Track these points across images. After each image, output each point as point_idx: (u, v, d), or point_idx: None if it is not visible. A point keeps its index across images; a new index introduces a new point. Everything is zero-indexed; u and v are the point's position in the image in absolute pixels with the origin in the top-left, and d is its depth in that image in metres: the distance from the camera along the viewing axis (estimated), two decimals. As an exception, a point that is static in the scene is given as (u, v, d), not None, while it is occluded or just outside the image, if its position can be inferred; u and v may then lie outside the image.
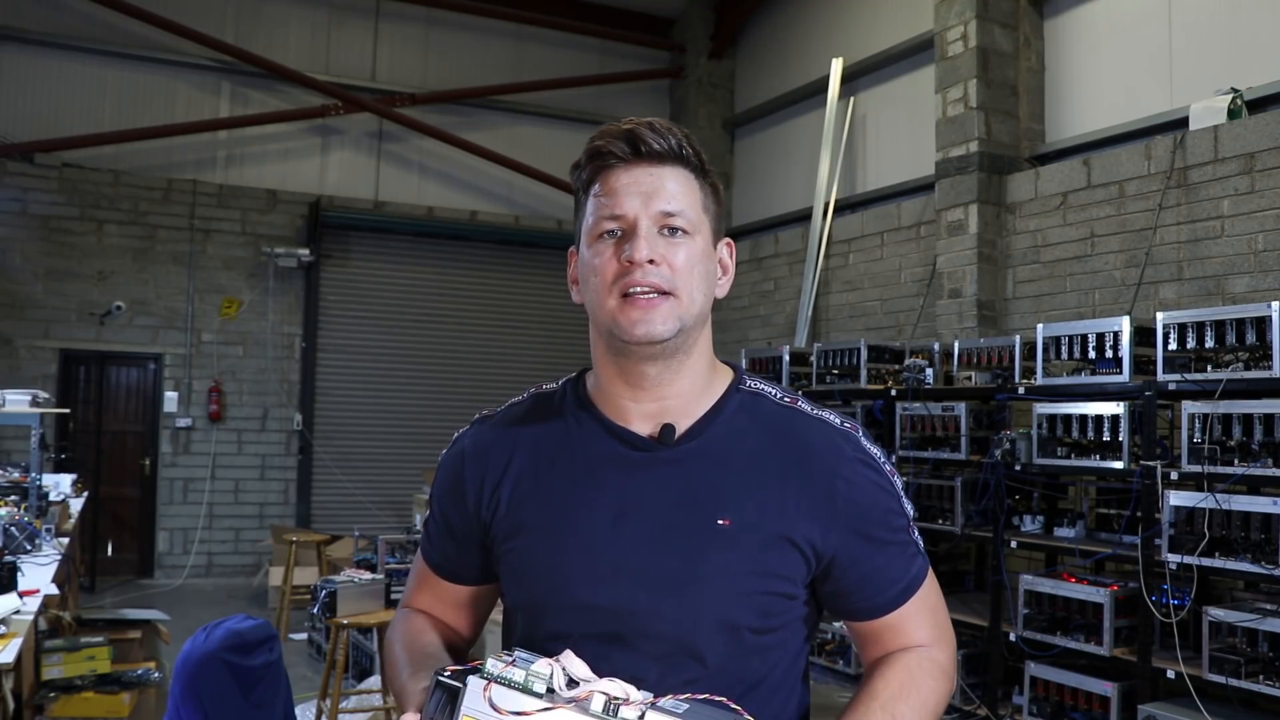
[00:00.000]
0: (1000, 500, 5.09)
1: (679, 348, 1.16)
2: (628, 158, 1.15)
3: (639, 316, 1.11)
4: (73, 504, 6.14)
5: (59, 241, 8.69)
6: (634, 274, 1.11)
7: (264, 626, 3.24)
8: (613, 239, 1.14)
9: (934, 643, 1.24)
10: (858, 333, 7.79)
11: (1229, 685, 3.91)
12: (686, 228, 1.15)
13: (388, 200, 9.88)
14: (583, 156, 1.19)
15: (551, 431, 1.22)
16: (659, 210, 1.13)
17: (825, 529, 1.16)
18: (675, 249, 1.13)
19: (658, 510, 1.14)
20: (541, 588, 1.17)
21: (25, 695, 3.90)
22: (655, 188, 1.14)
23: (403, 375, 9.86)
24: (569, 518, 1.16)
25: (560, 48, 10.49)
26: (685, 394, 1.19)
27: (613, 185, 1.15)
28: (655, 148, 1.15)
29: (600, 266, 1.14)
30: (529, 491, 1.20)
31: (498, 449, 1.24)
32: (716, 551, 1.13)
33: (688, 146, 1.17)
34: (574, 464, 1.19)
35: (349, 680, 5.41)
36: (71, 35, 8.76)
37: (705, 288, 1.17)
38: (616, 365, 1.18)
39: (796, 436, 1.19)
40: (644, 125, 1.16)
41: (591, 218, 1.16)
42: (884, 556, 1.20)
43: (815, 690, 5.33)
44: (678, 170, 1.17)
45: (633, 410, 1.19)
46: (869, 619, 1.23)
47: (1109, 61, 6.55)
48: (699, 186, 1.18)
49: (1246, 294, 5.29)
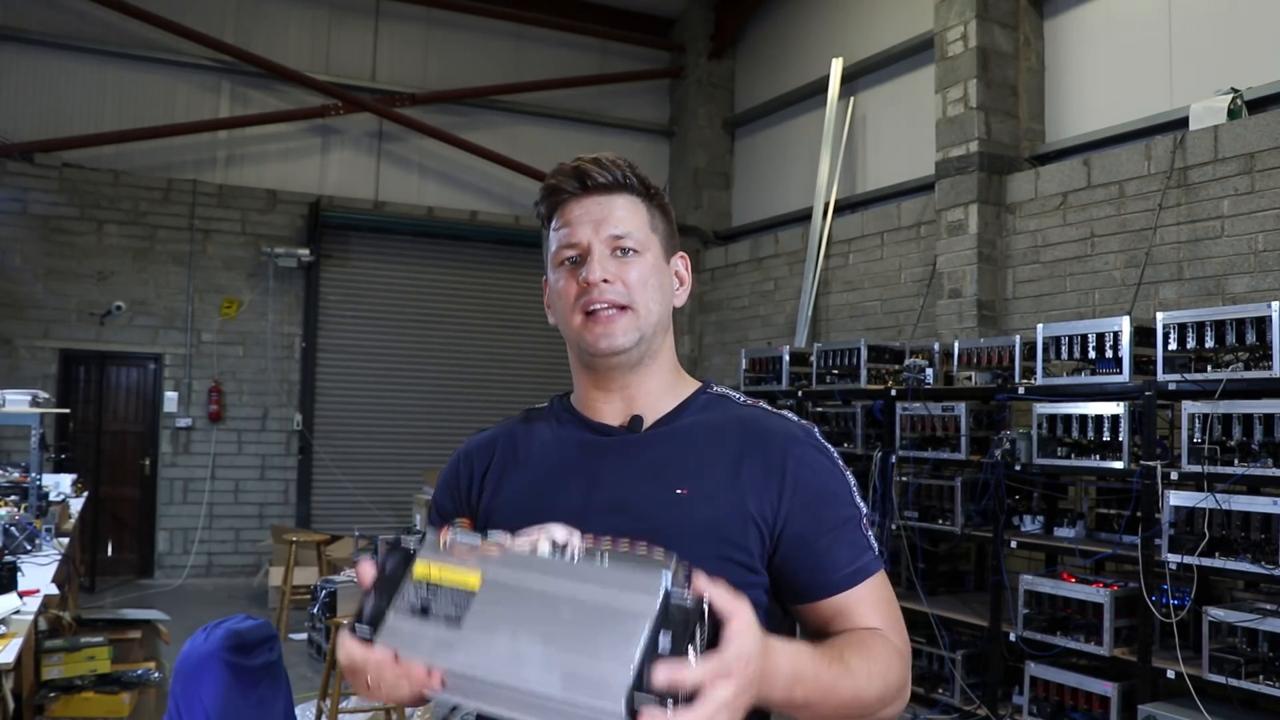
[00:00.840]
0: (1000, 500, 5.09)
1: (643, 355, 1.29)
2: (578, 192, 1.29)
3: (601, 331, 1.25)
4: (73, 504, 6.14)
5: (59, 241, 8.69)
6: (592, 293, 1.25)
7: (264, 626, 3.24)
8: (572, 264, 1.28)
9: (887, 629, 1.22)
10: (858, 333, 7.79)
11: (1229, 685, 3.91)
12: (636, 247, 1.28)
13: (388, 200, 9.88)
14: (539, 194, 1.33)
15: (535, 430, 1.37)
16: (609, 234, 1.27)
17: (775, 501, 1.22)
18: (627, 267, 1.27)
19: (622, 484, 1.25)
20: None
21: (25, 695, 3.90)
22: (604, 215, 1.27)
23: (403, 375, 9.86)
24: (544, 495, 1.28)
25: (560, 48, 10.50)
26: (653, 393, 1.31)
27: (568, 217, 1.29)
28: (600, 180, 1.28)
29: (564, 290, 1.28)
30: (512, 476, 1.33)
31: (488, 447, 1.38)
32: (675, 517, 1.21)
33: (631, 176, 1.30)
34: (549, 450, 1.32)
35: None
36: (71, 35, 8.76)
37: (661, 299, 1.30)
38: (589, 376, 1.32)
39: (756, 424, 1.29)
40: (590, 161, 1.29)
41: (554, 247, 1.30)
42: (831, 538, 1.22)
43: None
44: (625, 197, 1.30)
45: (606, 410, 1.32)
46: (816, 599, 1.22)
47: (1109, 61, 6.55)
48: (646, 209, 1.31)
49: (1246, 294, 5.29)
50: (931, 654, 5.47)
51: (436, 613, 0.95)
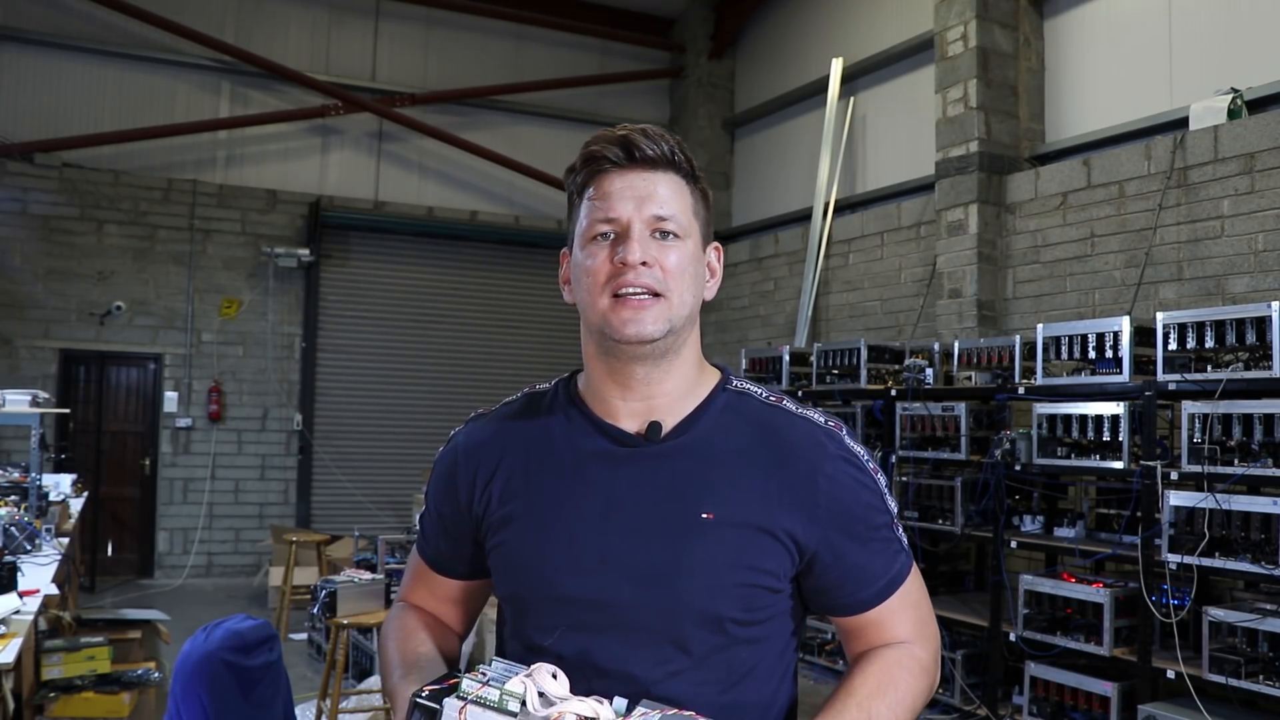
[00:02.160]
0: (1000, 500, 5.09)
1: (668, 348, 1.19)
2: (622, 163, 1.19)
3: (630, 316, 1.14)
4: (73, 504, 6.14)
5: (59, 241, 8.69)
6: (626, 275, 1.15)
7: (264, 626, 3.24)
8: (606, 241, 1.17)
9: (916, 639, 1.25)
10: (858, 333, 7.79)
11: (1229, 685, 3.91)
12: (678, 231, 1.18)
13: (388, 200, 9.88)
14: (577, 161, 1.23)
15: (542, 429, 1.25)
16: (652, 214, 1.17)
17: (808, 524, 1.17)
18: (667, 252, 1.17)
19: (643, 504, 1.17)
20: (528, 580, 1.19)
21: (25, 695, 3.90)
22: (648, 192, 1.17)
23: (403, 375, 9.86)
24: (556, 511, 1.19)
25: (560, 48, 10.49)
26: (672, 393, 1.22)
27: (607, 189, 1.18)
28: (648, 153, 1.18)
29: (594, 268, 1.17)
30: (518, 487, 1.22)
31: (490, 446, 1.27)
32: (700, 544, 1.14)
33: (680, 153, 1.20)
34: (562, 460, 1.22)
35: (349, 680, 5.41)
36: (71, 35, 8.76)
37: (694, 290, 1.21)
38: (606, 364, 1.21)
39: (780, 434, 1.21)
40: (638, 131, 1.19)
41: (585, 220, 1.19)
42: (866, 553, 1.21)
43: (815, 690, 5.34)
44: (670, 176, 1.20)
45: (621, 408, 1.22)
46: (851, 615, 1.24)
47: (1109, 61, 6.55)
48: (690, 192, 1.22)
49: (1246, 294, 5.29)
50: (931, 654, 5.47)
51: None
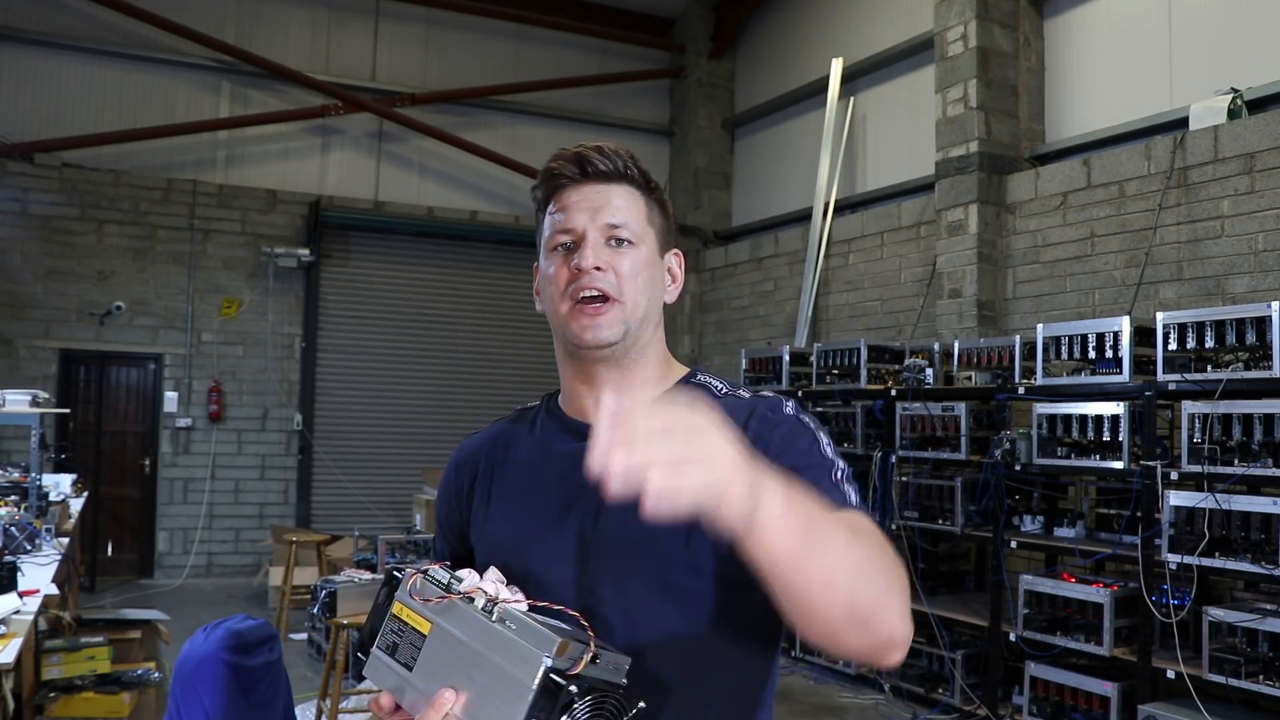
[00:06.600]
0: (1000, 500, 5.09)
1: (628, 350, 1.26)
2: (577, 178, 1.27)
3: (588, 323, 1.22)
4: (73, 504, 6.14)
5: (59, 241, 8.69)
6: (582, 279, 1.22)
7: (264, 626, 3.24)
8: (565, 250, 1.25)
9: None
10: (858, 333, 7.79)
11: (1229, 685, 3.91)
12: (631, 238, 1.26)
13: (388, 200, 9.88)
14: (538, 178, 1.31)
15: (521, 434, 1.36)
16: (605, 222, 1.25)
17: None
18: (620, 257, 1.24)
19: (606, 505, 1.21)
20: (506, 571, 1.24)
21: (25, 695, 3.90)
22: (601, 203, 1.25)
23: (403, 375, 9.85)
24: (527, 505, 1.27)
25: (560, 48, 10.49)
26: (639, 391, 1.28)
27: (565, 202, 1.27)
28: (601, 168, 1.27)
29: (554, 275, 1.25)
30: (497, 487, 1.32)
31: (477, 453, 1.38)
32: (661, 541, 1.18)
33: (633, 167, 1.29)
34: (534, 458, 1.31)
35: (349, 680, 5.41)
36: (71, 35, 8.76)
37: (650, 293, 1.27)
38: (575, 367, 1.29)
39: (729, 414, 1.22)
40: (592, 149, 1.28)
41: (547, 232, 1.28)
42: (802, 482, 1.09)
43: (815, 690, 5.33)
44: (624, 188, 1.28)
45: (590, 407, 1.28)
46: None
47: (1109, 61, 6.55)
48: (644, 201, 1.29)
49: (1246, 294, 5.29)
50: (932, 654, 5.47)
51: (400, 654, 1.05)
